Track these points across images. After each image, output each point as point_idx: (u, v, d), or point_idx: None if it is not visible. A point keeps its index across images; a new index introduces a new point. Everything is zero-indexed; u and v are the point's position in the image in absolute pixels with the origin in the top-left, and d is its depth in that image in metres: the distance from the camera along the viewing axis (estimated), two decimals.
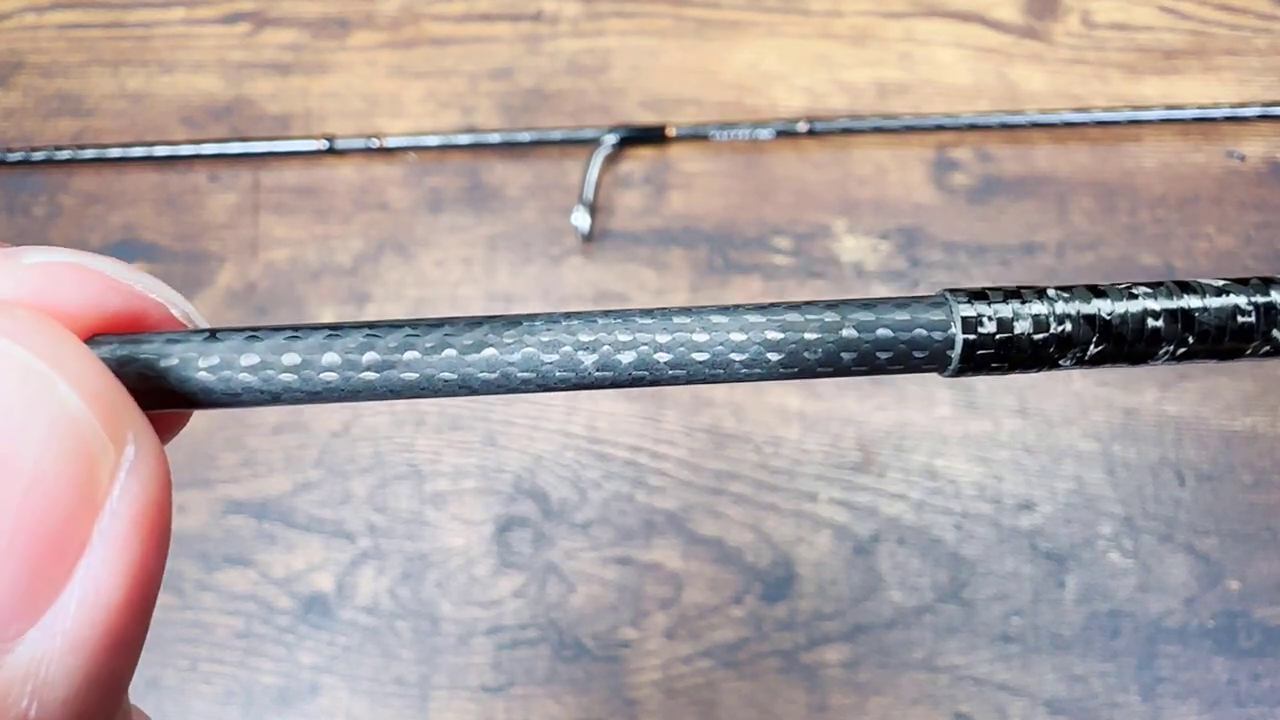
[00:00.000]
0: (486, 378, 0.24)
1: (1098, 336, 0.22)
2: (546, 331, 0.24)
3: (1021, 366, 0.23)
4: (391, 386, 0.23)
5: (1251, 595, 0.57)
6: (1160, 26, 0.73)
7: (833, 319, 0.23)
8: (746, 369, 0.23)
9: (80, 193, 0.69)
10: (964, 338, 0.22)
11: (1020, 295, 0.22)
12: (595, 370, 0.23)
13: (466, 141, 0.69)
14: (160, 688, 0.56)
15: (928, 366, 0.23)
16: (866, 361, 0.23)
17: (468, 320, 0.24)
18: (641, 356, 0.23)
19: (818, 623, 0.57)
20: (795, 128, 0.67)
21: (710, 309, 0.24)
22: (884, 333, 0.22)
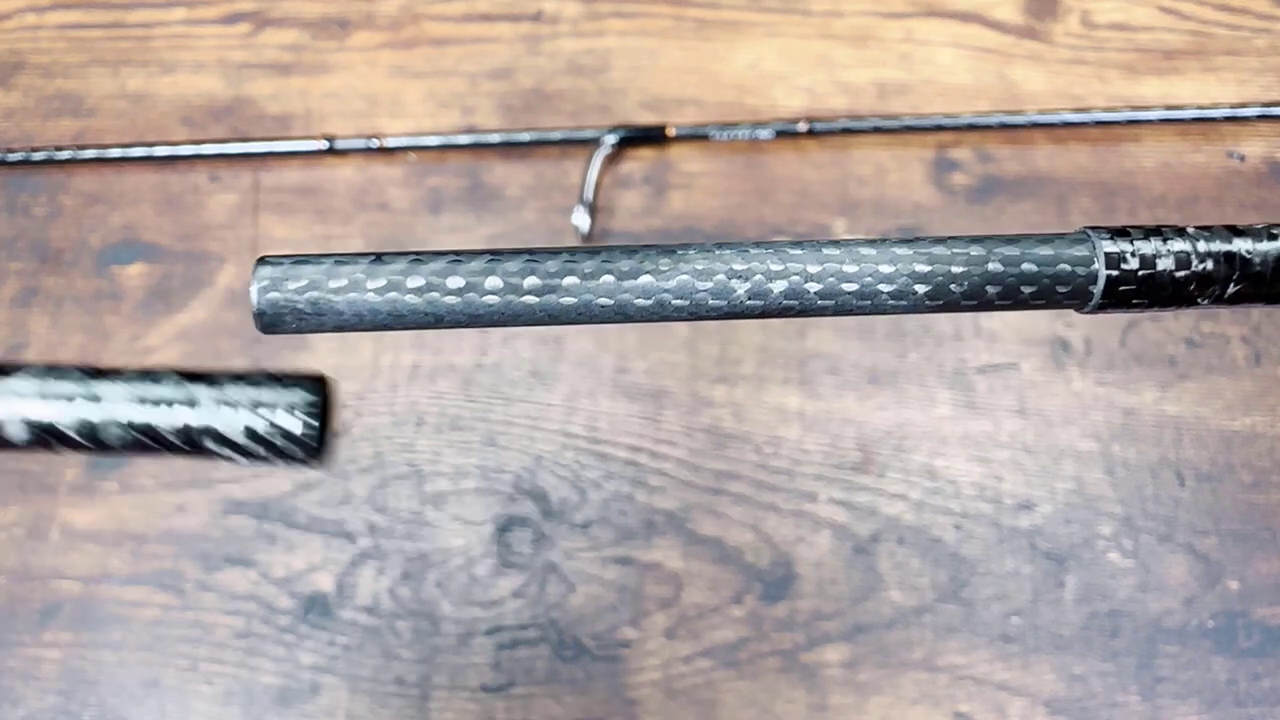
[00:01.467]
0: (642, 304, 0.24)
1: (1237, 275, 0.22)
2: (702, 259, 0.24)
3: (1161, 303, 0.23)
4: (550, 311, 0.24)
5: (1251, 595, 0.57)
6: (1160, 27, 0.73)
7: (979, 253, 0.23)
8: (894, 300, 0.23)
9: (80, 193, 0.69)
10: (1107, 273, 0.22)
11: (1161, 233, 0.22)
12: (747, 298, 0.24)
13: (466, 141, 0.69)
14: (161, 688, 0.57)
15: (1069, 302, 0.23)
16: (1010, 295, 0.23)
17: (624, 248, 0.24)
18: (793, 286, 0.23)
19: (818, 622, 0.57)
20: (795, 128, 0.67)
21: (858, 241, 0.24)
22: (1029, 267, 0.22)
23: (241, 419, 0.22)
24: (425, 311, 0.24)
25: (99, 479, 0.61)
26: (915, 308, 0.23)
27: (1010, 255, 0.23)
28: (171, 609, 0.58)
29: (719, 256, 0.24)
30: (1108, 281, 0.22)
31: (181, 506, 0.60)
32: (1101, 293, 0.23)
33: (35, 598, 0.58)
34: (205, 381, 0.23)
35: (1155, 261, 0.22)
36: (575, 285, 0.24)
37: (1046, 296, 0.23)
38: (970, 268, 0.23)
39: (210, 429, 0.23)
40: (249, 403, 0.23)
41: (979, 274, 0.23)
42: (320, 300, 0.23)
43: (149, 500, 0.60)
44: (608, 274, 0.24)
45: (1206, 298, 0.23)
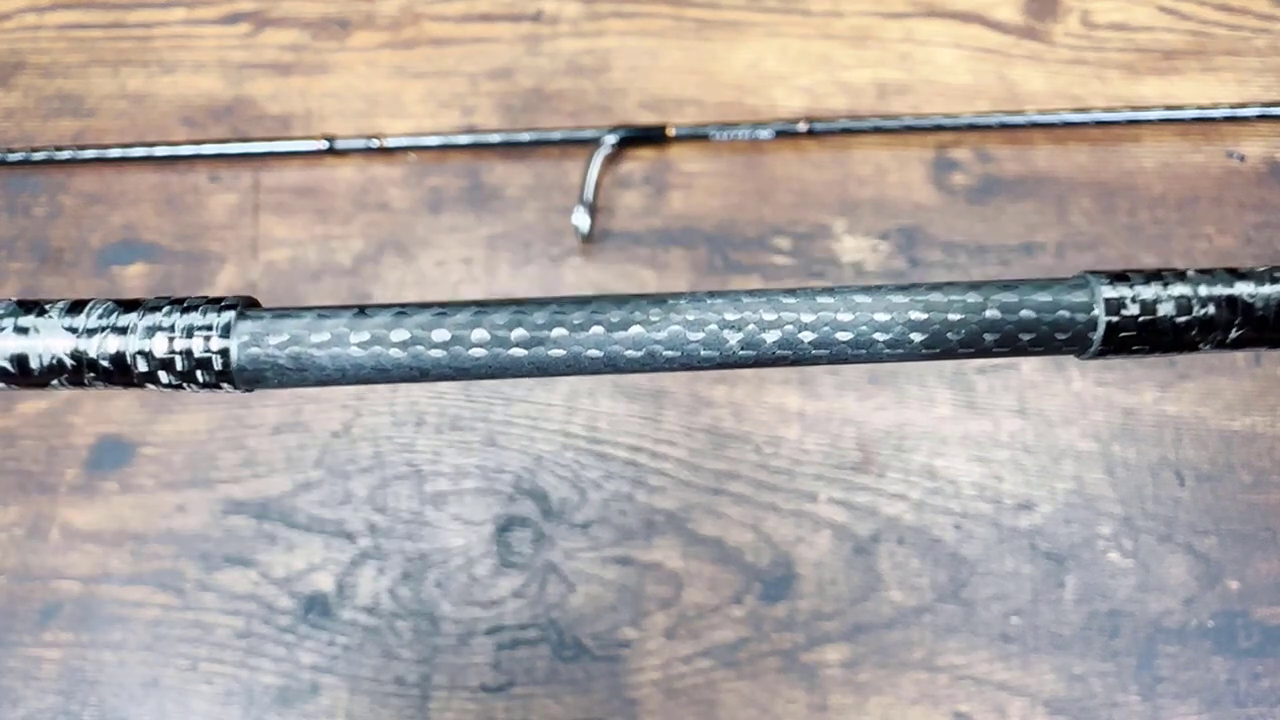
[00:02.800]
0: (632, 355, 0.23)
1: (1240, 319, 0.22)
2: (693, 310, 0.23)
3: (1162, 349, 0.22)
4: (539, 363, 0.23)
5: (1251, 595, 0.57)
6: (1160, 27, 0.73)
7: (975, 300, 0.22)
8: (890, 349, 0.23)
9: (81, 193, 0.69)
10: (1107, 319, 0.22)
11: (1161, 277, 0.22)
12: (740, 349, 0.23)
13: (466, 141, 0.69)
14: (161, 687, 0.57)
15: (1068, 349, 0.22)
16: (1009, 343, 0.22)
17: (613, 298, 0.24)
18: (786, 335, 0.23)
19: (817, 622, 0.57)
20: (795, 128, 0.68)
21: (853, 289, 0.23)
22: (1027, 314, 0.22)
23: None
24: (410, 365, 0.23)
25: (99, 479, 0.61)
26: (911, 356, 0.23)
27: (1008, 302, 0.22)
28: (171, 609, 0.58)
29: (710, 306, 0.23)
30: (1108, 328, 0.22)
31: (181, 506, 0.60)
32: (1101, 339, 0.22)
33: (35, 598, 0.59)
34: None
35: (1156, 307, 0.22)
36: (564, 337, 0.23)
37: (1045, 344, 0.22)
38: (968, 315, 0.22)
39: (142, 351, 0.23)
40: None
41: (976, 322, 0.22)
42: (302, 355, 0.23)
43: (149, 500, 0.60)
44: (597, 325, 0.23)
45: (1208, 343, 0.23)
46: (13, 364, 0.23)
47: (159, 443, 0.62)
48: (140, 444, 0.62)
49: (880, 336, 0.22)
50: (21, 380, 0.23)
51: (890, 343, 0.23)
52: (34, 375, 0.23)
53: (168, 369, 0.23)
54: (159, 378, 0.23)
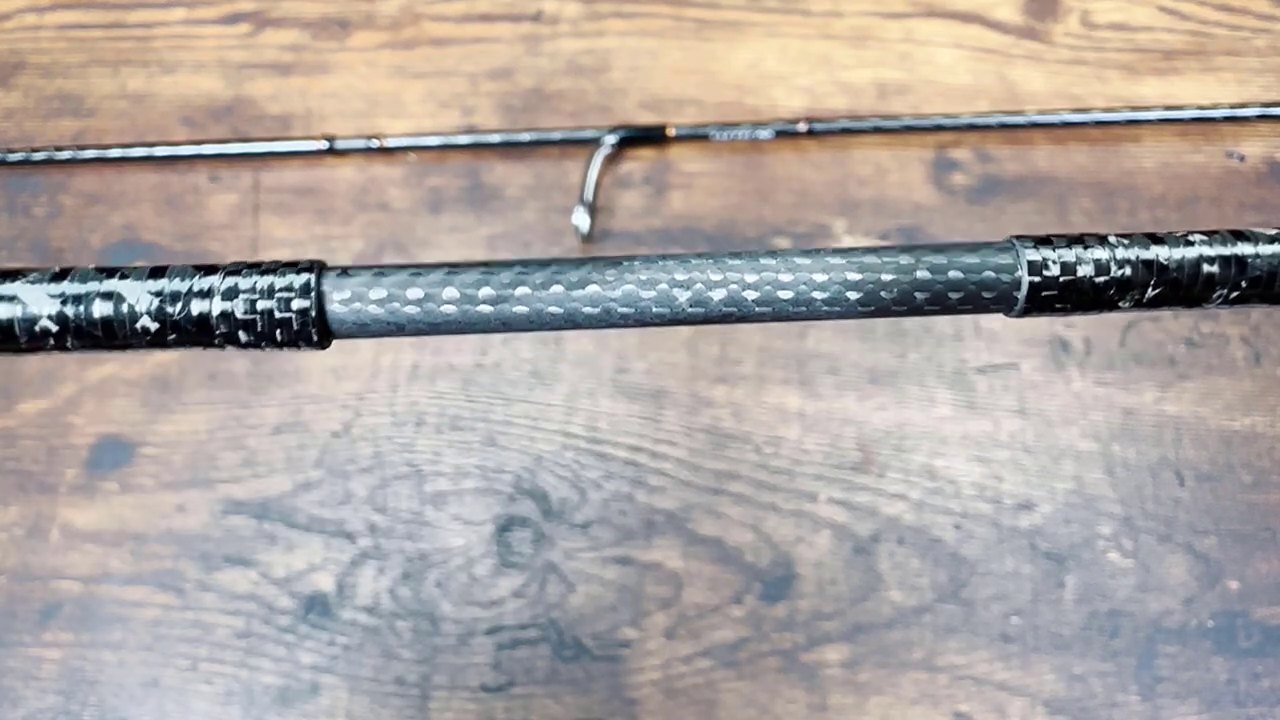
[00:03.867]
0: (590, 312, 0.25)
1: (1155, 280, 0.24)
2: (645, 270, 0.25)
3: (1083, 308, 0.24)
4: (504, 319, 0.25)
5: (1251, 595, 0.57)
6: (1159, 27, 0.73)
7: (908, 261, 0.24)
8: (828, 307, 0.24)
9: (81, 193, 0.69)
10: (1030, 279, 0.23)
11: (1083, 241, 0.24)
12: (689, 306, 0.25)
13: (466, 142, 0.69)
14: (161, 687, 0.57)
15: (995, 307, 0.24)
16: (939, 301, 0.24)
17: (573, 260, 0.25)
18: (731, 294, 0.25)
19: (817, 622, 0.57)
20: (795, 128, 0.68)
21: (795, 251, 0.25)
22: (955, 274, 0.24)
23: None
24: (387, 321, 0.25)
25: (99, 479, 0.61)
26: (848, 313, 0.24)
27: (938, 263, 0.24)
28: (172, 609, 0.58)
29: (662, 267, 0.25)
30: (1031, 288, 0.24)
31: (182, 506, 0.60)
32: (1025, 298, 0.24)
33: (35, 598, 0.59)
34: None
35: (1076, 268, 0.24)
36: (527, 295, 0.25)
37: (973, 301, 0.24)
38: (899, 275, 0.24)
39: None
40: None
41: (908, 281, 0.24)
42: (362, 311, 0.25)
43: (149, 500, 0.60)
44: (557, 284, 0.25)
45: (1127, 301, 0.24)
46: (99, 328, 0.24)
47: (159, 443, 0.62)
48: (140, 444, 0.62)
49: (819, 295, 0.24)
50: (106, 344, 0.24)
51: (828, 300, 0.24)
52: (118, 338, 0.24)
53: (248, 329, 0.24)
54: (238, 337, 0.24)
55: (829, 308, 0.24)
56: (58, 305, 0.23)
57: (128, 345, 0.24)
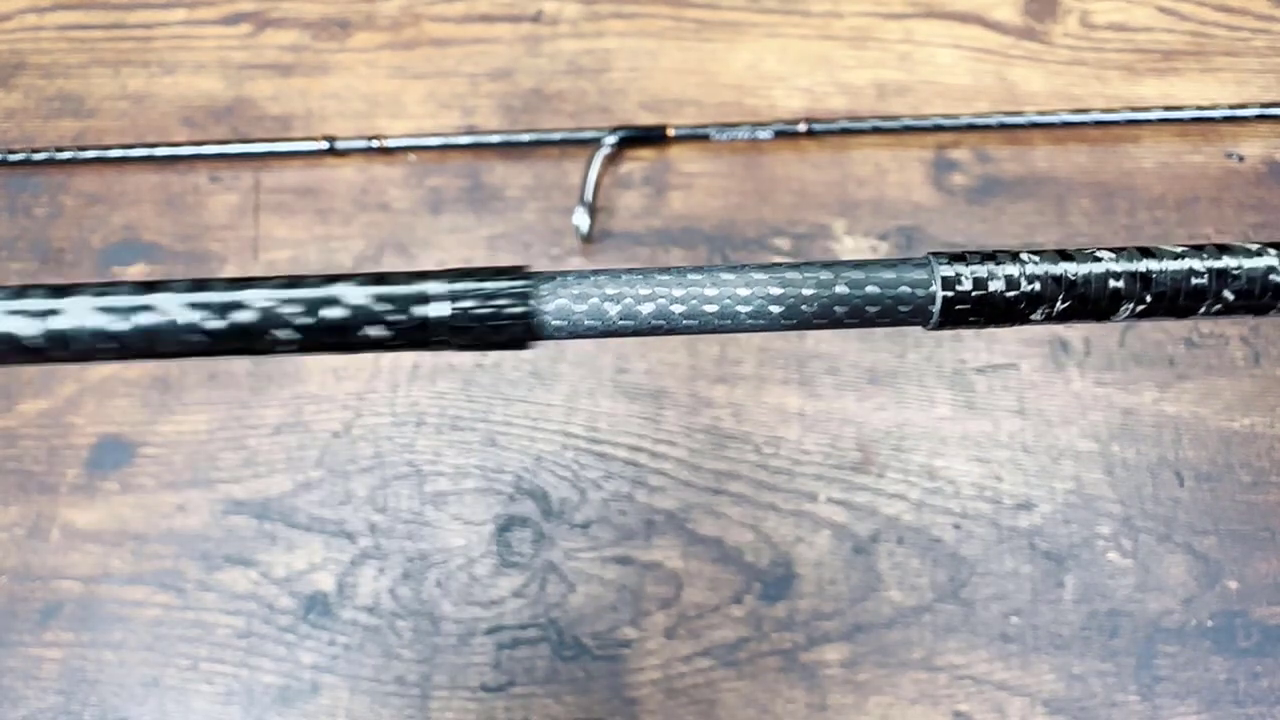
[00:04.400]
0: None
1: (1064, 294, 0.25)
2: (576, 285, 0.26)
3: (996, 321, 0.25)
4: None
5: (1250, 595, 0.57)
6: (1159, 27, 0.73)
7: (827, 276, 0.25)
8: (751, 320, 0.25)
9: (81, 193, 0.69)
10: (943, 294, 0.25)
11: (995, 258, 0.25)
12: (619, 319, 0.26)
13: (467, 142, 0.69)
14: (161, 687, 0.57)
15: (912, 320, 0.25)
16: (857, 314, 0.25)
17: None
18: (659, 308, 0.26)
19: (817, 622, 0.57)
20: (795, 128, 0.68)
21: (720, 268, 0.26)
22: (872, 289, 0.25)
23: None
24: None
25: (100, 479, 0.61)
26: (772, 326, 0.26)
27: (856, 279, 0.25)
28: (172, 609, 0.58)
29: (594, 282, 0.26)
30: (944, 301, 0.25)
31: (182, 506, 0.60)
32: (939, 311, 0.25)
33: (36, 598, 0.59)
34: None
35: (988, 284, 0.25)
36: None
37: (890, 315, 0.25)
38: (819, 290, 0.25)
39: None
40: None
41: (827, 296, 0.25)
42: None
43: (150, 500, 0.61)
44: None
45: (1038, 314, 0.25)
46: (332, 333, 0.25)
47: (159, 443, 0.62)
48: (141, 444, 0.62)
49: (742, 309, 0.25)
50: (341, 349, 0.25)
51: (751, 314, 0.25)
52: (352, 344, 0.25)
53: (464, 334, 0.25)
54: (454, 342, 0.26)
55: (753, 320, 0.25)
56: (299, 310, 0.25)
57: (353, 348, 0.25)
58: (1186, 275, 0.25)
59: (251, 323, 0.24)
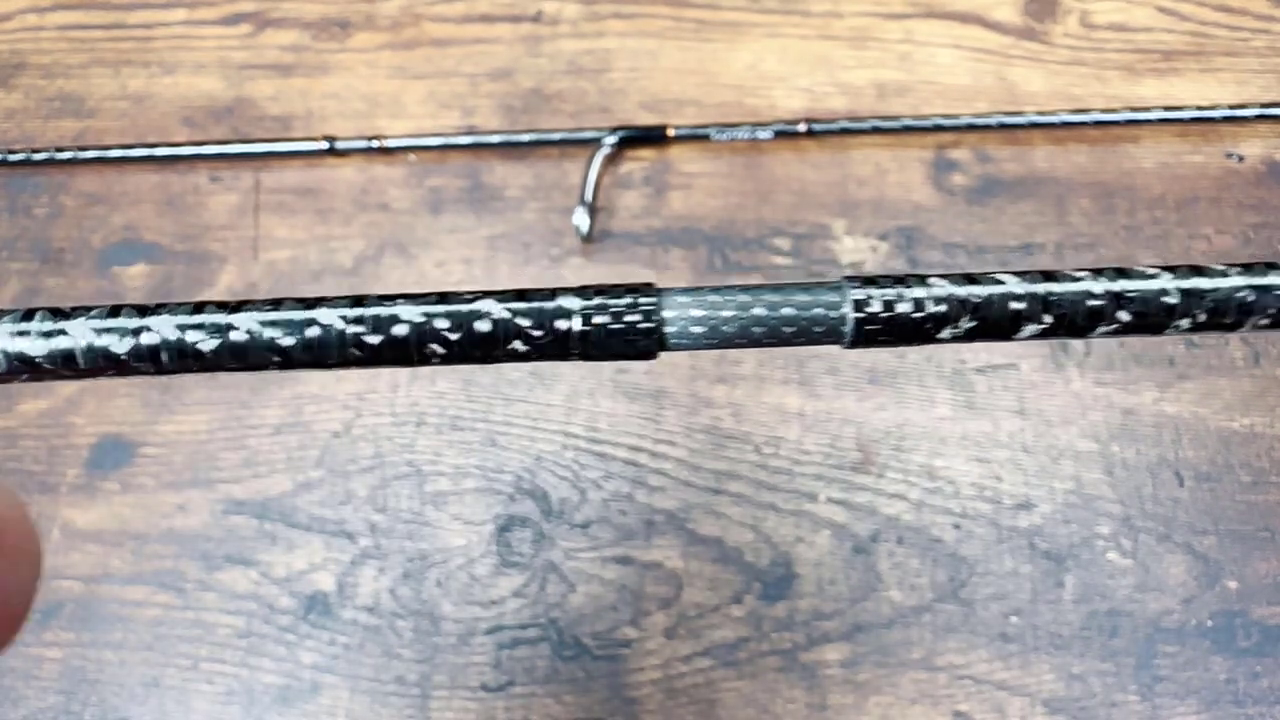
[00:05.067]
0: None
1: (968, 315, 0.26)
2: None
3: (906, 340, 0.27)
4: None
5: (1250, 595, 0.57)
6: (1159, 27, 0.73)
7: (746, 299, 0.27)
8: (675, 340, 0.27)
9: (82, 193, 0.69)
10: (854, 316, 0.26)
11: (905, 281, 0.26)
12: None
13: (467, 142, 0.69)
14: (161, 687, 0.57)
15: (827, 340, 0.27)
16: (775, 334, 0.27)
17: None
18: None
19: (817, 622, 0.57)
20: (795, 128, 0.68)
21: None
22: (788, 311, 0.27)
23: None
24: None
25: (100, 479, 0.61)
26: (693, 346, 0.27)
27: (773, 301, 0.27)
28: (172, 609, 0.58)
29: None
30: (855, 323, 0.26)
31: (182, 506, 0.60)
32: (852, 332, 0.26)
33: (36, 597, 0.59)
34: None
35: (895, 306, 0.26)
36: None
37: (806, 335, 0.27)
38: (738, 312, 0.27)
39: None
40: None
41: (745, 317, 0.27)
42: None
43: (150, 500, 0.61)
44: None
45: (946, 334, 0.27)
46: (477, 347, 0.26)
47: (160, 443, 0.62)
48: (141, 444, 0.62)
49: (668, 330, 0.27)
50: (484, 358, 0.26)
51: (675, 335, 0.27)
52: (493, 353, 0.26)
53: (597, 345, 0.27)
54: (590, 354, 0.27)
55: (677, 341, 0.27)
56: (447, 323, 0.26)
57: (495, 360, 0.27)
58: (1084, 297, 0.26)
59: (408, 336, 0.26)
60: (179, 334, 0.25)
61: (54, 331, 0.25)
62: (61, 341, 0.25)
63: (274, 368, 0.26)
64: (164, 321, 0.25)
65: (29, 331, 0.25)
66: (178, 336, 0.25)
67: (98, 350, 0.25)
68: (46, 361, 0.25)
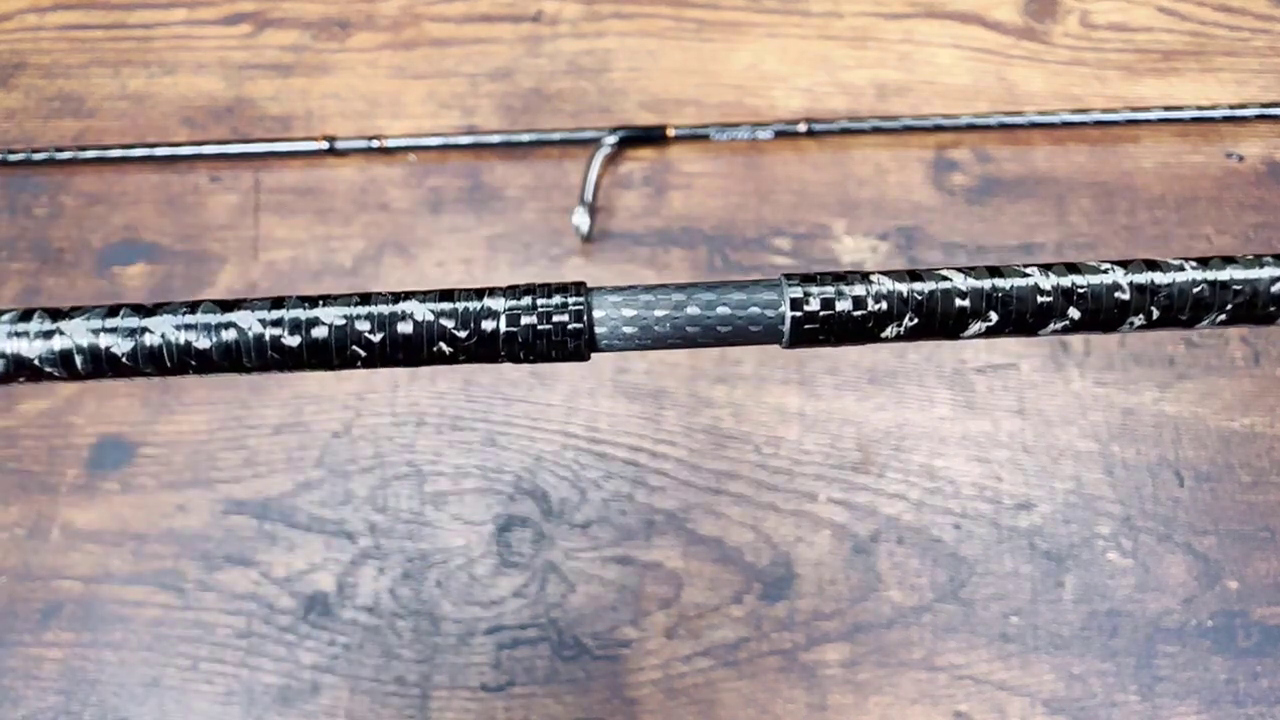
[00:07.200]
0: None
1: (911, 313, 0.25)
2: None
3: (846, 339, 0.26)
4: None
5: (1250, 595, 0.57)
6: (1159, 28, 0.73)
7: (680, 298, 0.26)
8: (606, 341, 0.26)
9: (82, 193, 0.69)
10: (792, 315, 0.25)
11: (845, 278, 0.26)
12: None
13: (467, 142, 0.69)
14: (162, 687, 0.57)
15: (763, 339, 0.26)
16: (710, 334, 0.26)
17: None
18: None
19: (817, 622, 0.57)
20: (795, 128, 0.68)
21: None
22: (723, 310, 0.26)
23: None
24: None
25: (100, 479, 0.61)
26: (627, 347, 0.26)
27: (709, 300, 0.26)
28: (172, 609, 0.58)
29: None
30: (793, 322, 0.25)
31: (182, 506, 0.60)
32: (790, 331, 0.26)
33: (36, 597, 0.59)
34: None
35: (835, 303, 0.25)
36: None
37: (742, 335, 0.26)
38: (672, 311, 0.26)
39: None
40: None
41: (680, 317, 0.26)
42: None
43: (150, 500, 0.61)
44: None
45: (889, 332, 0.26)
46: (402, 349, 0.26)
47: (160, 443, 0.62)
48: (141, 444, 0.62)
49: (599, 330, 0.26)
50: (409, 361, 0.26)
51: (605, 335, 0.26)
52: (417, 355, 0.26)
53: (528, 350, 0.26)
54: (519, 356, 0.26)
55: (608, 341, 0.26)
56: (368, 325, 0.25)
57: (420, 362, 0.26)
58: (1031, 293, 0.25)
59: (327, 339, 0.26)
60: (92, 339, 0.25)
61: None
62: None
63: (192, 372, 0.26)
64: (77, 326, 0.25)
65: None
66: (90, 342, 0.25)
67: None
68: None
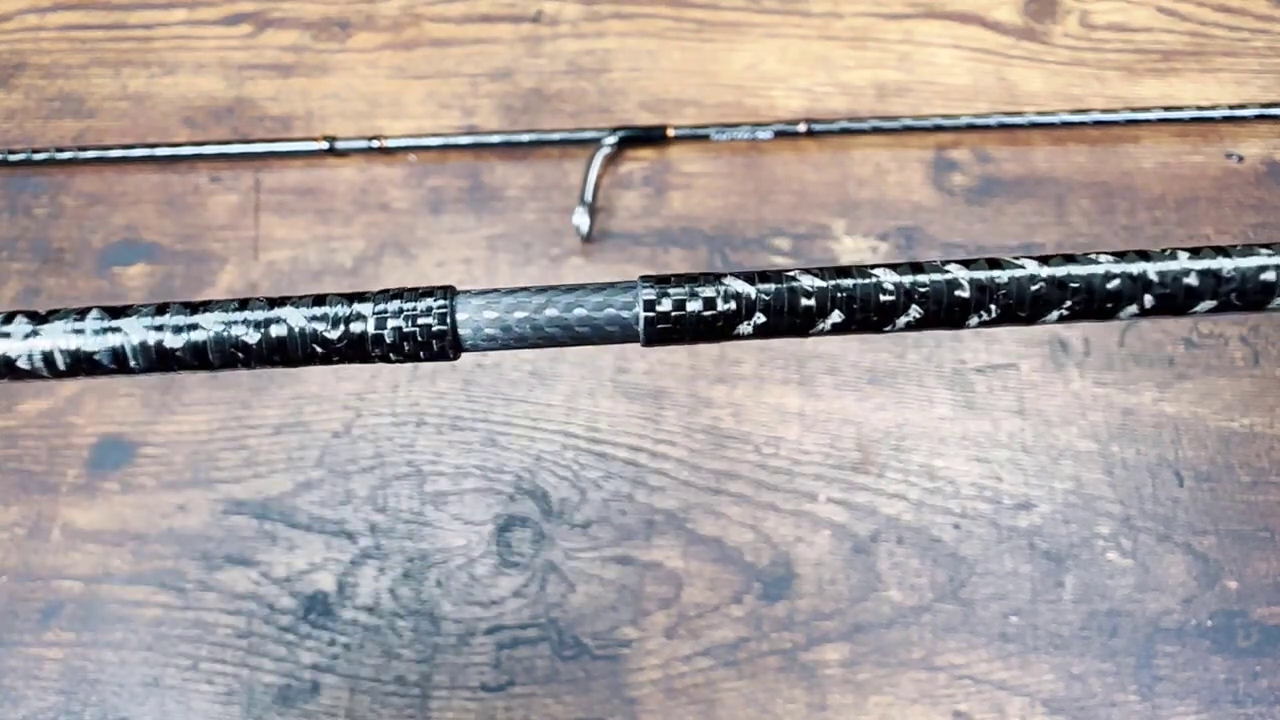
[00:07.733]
0: None
1: (756, 313, 0.27)
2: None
3: (700, 338, 0.27)
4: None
5: (1249, 594, 0.57)
6: (1158, 28, 0.73)
7: (540, 300, 0.27)
8: (471, 342, 0.28)
9: (82, 193, 0.69)
10: (645, 315, 0.27)
11: (697, 280, 0.27)
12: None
13: (467, 142, 0.69)
14: (162, 687, 0.57)
15: (621, 339, 0.27)
16: (569, 334, 0.27)
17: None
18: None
19: (817, 622, 0.57)
20: (795, 128, 0.68)
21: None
22: (580, 311, 0.27)
23: None
24: None
25: (100, 479, 0.61)
26: (489, 347, 0.28)
27: (567, 302, 0.27)
28: (173, 609, 0.58)
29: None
30: (646, 322, 0.27)
31: (183, 506, 0.60)
32: (644, 331, 0.27)
33: (37, 597, 0.59)
34: None
35: (685, 305, 0.27)
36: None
37: (600, 334, 0.27)
38: (532, 313, 0.27)
39: None
40: None
41: (540, 318, 0.27)
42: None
43: (150, 500, 0.61)
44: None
45: (742, 330, 0.27)
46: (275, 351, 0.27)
47: (160, 443, 0.62)
48: (141, 444, 0.62)
49: (462, 331, 0.27)
50: (284, 363, 0.27)
51: (470, 336, 0.27)
52: (292, 358, 0.27)
53: (397, 351, 0.27)
54: (389, 356, 0.28)
55: (472, 342, 0.27)
56: (244, 329, 0.27)
57: (296, 363, 0.27)
58: (875, 290, 0.26)
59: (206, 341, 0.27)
60: None
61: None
62: None
63: (66, 376, 0.27)
64: None
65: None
66: None
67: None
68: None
